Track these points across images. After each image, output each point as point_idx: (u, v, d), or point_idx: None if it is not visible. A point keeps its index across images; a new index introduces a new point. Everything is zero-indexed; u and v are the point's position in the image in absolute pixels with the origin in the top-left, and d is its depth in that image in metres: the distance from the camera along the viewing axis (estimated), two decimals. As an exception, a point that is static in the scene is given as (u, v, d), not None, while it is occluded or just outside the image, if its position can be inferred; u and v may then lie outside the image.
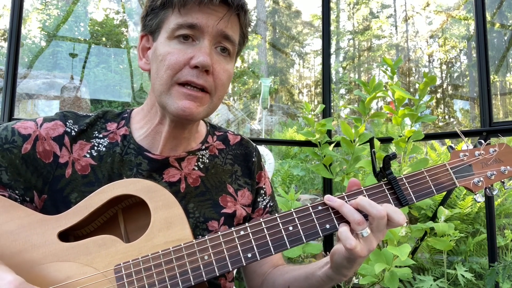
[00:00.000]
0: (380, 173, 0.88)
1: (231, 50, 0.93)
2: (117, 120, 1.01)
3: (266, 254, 0.79)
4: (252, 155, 1.12)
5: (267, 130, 13.54)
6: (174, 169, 0.98)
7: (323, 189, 3.12)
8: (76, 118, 0.97)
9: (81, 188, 0.89)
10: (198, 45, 0.87)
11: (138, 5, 15.89)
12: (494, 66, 11.06)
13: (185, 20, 0.86)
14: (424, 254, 3.46)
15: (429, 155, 4.48)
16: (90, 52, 13.92)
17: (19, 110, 10.09)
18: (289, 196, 2.42)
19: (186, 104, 0.86)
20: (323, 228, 0.82)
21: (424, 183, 0.87)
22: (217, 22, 0.87)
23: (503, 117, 12.93)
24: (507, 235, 3.37)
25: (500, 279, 2.05)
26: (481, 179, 0.90)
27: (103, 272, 0.75)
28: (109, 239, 0.78)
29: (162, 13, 0.90)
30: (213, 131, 1.11)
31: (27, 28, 12.77)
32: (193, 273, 0.76)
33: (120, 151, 0.95)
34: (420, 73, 19.12)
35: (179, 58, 0.86)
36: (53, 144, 0.91)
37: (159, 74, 0.88)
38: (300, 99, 22.37)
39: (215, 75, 0.89)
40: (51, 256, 0.76)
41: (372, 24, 20.58)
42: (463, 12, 15.78)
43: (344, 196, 0.84)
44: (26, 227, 0.77)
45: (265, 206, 1.12)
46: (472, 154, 0.92)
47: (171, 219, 0.80)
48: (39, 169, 0.88)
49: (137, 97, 13.37)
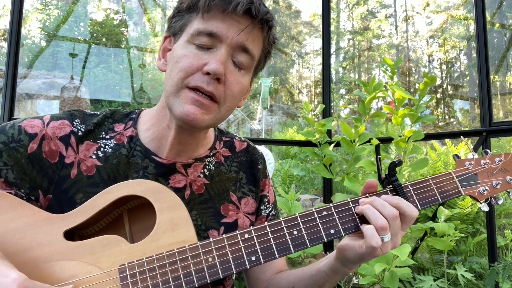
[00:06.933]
0: (385, 179, 0.89)
1: (248, 63, 0.91)
2: (124, 120, 1.00)
3: (270, 258, 0.79)
4: (258, 163, 1.12)
5: (267, 130, 13.53)
6: (180, 175, 0.98)
7: (323, 189, 3.12)
8: (84, 117, 0.96)
9: (86, 189, 0.89)
10: (214, 52, 0.86)
11: (138, 5, 15.89)
12: (494, 66, 11.06)
13: (206, 27, 0.86)
14: (424, 254, 3.46)
15: (429, 155, 4.48)
16: (90, 52, 13.92)
17: (19, 110, 10.09)
18: (289, 196, 2.42)
19: (191, 110, 0.85)
20: (327, 233, 0.82)
21: (429, 191, 0.88)
22: (238, 33, 0.86)
23: (503, 117, 12.93)
24: (507, 235, 3.37)
25: (500, 279, 2.05)
26: (487, 188, 0.90)
27: (108, 271, 0.76)
28: (114, 239, 0.78)
29: (187, 16, 0.90)
30: (221, 136, 1.10)
31: (27, 28, 12.77)
32: (197, 274, 0.76)
33: (127, 153, 0.95)
34: (420, 73, 19.12)
35: (193, 62, 0.85)
36: (59, 144, 0.90)
37: (172, 75, 0.87)
38: (300, 99, 22.37)
39: (226, 85, 0.88)
40: (57, 254, 0.76)
41: (372, 24, 20.58)
42: (463, 12, 15.78)
43: (349, 202, 0.86)
44: (33, 225, 0.78)
45: (267, 214, 1.12)
46: (478, 163, 0.93)
47: (176, 220, 0.81)
48: (44, 169, 0.88)
49: (137, 97, 13.37)
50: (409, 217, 0.82)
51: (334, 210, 0.84)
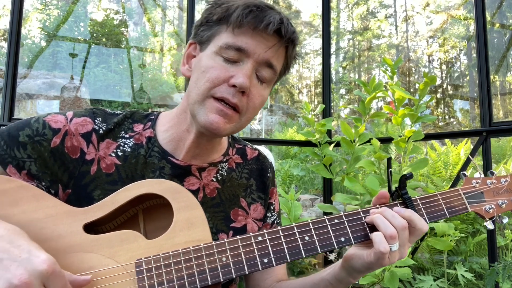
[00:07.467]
0: (395, 192, 0.91)
1: (271, 77, 0.95)
2: (143, 121, 1.02)
3: (282, 261, 0.81)
4: (268, 171, 1.16)
5: (267, 130, 13.55)
6: (195, 178, 1.00)
7: (323, 189, 3.12)
8: (105, 116, 0.98)
9: (105, 186, 0.91)
10: (240, 66, 0.89)
11: (138, 5, 15.90)
12: (494, 66, 11.06)
13: (235, 42, 0.88)
14: (424, 254, 3.46)
15: (429, 155, 4.48)
16: (90, 52, 13.92)
17: (19, 110, 10.10)
18: (289, 196, 2.42)
19: (215, 119, 0.89)
20: (338, 240, 0.85)
21: (438, 206, 0.93)
22: (265, 51, 0.89)
23: (503, 117, 12.94)
24: (507, 235, 3.37)
25: (500, 279, 2.05)
26: (492, 206, 0.94)
27: (124, 265, 0.78)
28: (131, 234, 0.81)
29: (216, 27, 0.92)
30: (234, 143, 1.14)
31: (27, 28, 12.77)
32: (211, 273, 0.78)
33: (144, 153, 0.97)
34: (420, 73, 19.12)
35: (220, 74, 0.88)
36: (81, 140, 0.92)
37: (198, 84, 0.90)
38: (300, 99, 22.39)
39: (249, 97, 0.92)
40: (76, 246, 0.79)
41: (372, 24, 20.59)
42: (463, 12, 15.79)
43: (360, 211, 0.88)
44: (54, 217, 0.80)
45: (272, 222, 1.14)
46: (484, 182, 0.97)
47: (192, 220, 0.83)
48: (66, 164, 0.91)
49: (137, 97, 13.37)
50: (419, 230, 0.86)
51: (345, 218, 0.87)
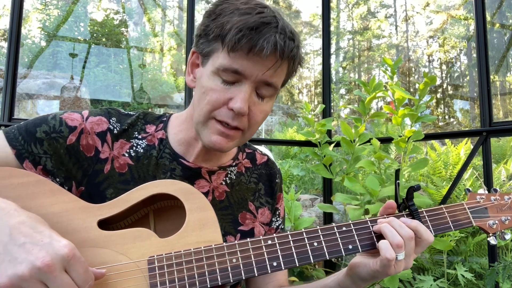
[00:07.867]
0: (402, 203, 0.94)
1: (271, 94, 0.94)
2: (156, 123, 1.04)
3: (291, 265, 0.83)
4: (276, 177, 1.18)
5: (267, 130, 13.55)
6: (205, 180, 1.02)
7: (323, 189, 3.12)
8: (119, 116, 1.00)
9: (117, 185, 0.93)
10: (239, 87, 0.89)
11: (138, 5, 15.90)
12: (494, 66, 11.07)
13: (231, 64, 0.87)
14: (424, 254, 3.46)
15: (429, 155, 4.48)
16: (90, 52, 13.93)
17: (19, 110, 10.10)
18: (289, 196, 2.42)
19: (218, 140, 0.92)
20: (346, 247, 0.86)
21: (443, 218, 0.95)
22: (263, 72, 0.88)
23: (503, 117, 12.94)
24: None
25: (500, 279, 2.05)
26: (496, 221, 0.98)
27: (136, 261, 0.80)
28: (144, 232, 0.82)
29: (213, 43, 0.90)
30: (244, 148, 1.16)
31: (27, 28, 12.78)
32: (221, 273, 0.80)
33: (156, 155, 0.99)
34: (420, 73, 19.13)
35: (220, 97, 0.89)
36: (96, 139, 0.94)
37: (200, 104, 0.92)
38: (300, 99, 22.40)
39: (250, 116, 0.92)
40: (90, 241, 0.81)
41: (372, 24, 20.59)
42: (463, 12, 15.79)
43: (368, 220, 0.90)
44: (70, 212, 0.82)
45: (277, 227, 1.15)
46: (488, 198, 1.01)
47: (204, 221, 0.85)
48: (80, 161, 0.92)
49: (137, 97, 13.37)
50: (425, 241, 0.87)
51: (353, 227, 0.89)
